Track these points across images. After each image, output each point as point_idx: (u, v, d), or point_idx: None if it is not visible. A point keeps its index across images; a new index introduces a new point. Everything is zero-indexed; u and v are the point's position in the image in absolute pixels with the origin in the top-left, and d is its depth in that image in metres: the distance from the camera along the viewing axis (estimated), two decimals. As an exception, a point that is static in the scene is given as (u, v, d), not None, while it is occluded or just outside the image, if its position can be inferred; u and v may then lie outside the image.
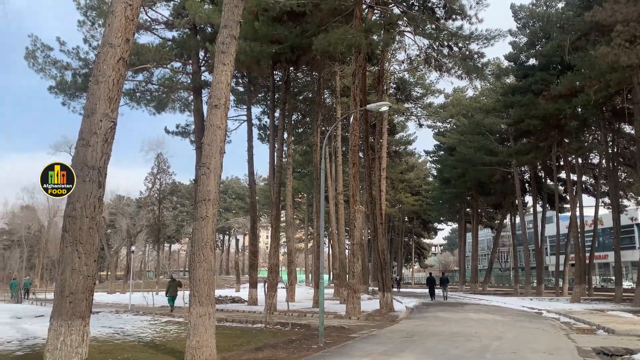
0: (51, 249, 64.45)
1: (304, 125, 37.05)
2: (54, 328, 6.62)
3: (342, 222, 29.27)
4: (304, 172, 46.51)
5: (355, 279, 18.78)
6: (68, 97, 26.23)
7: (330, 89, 32.47)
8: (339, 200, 29.60)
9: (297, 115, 34.87)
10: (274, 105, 26.00)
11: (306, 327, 15.41)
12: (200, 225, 10.31)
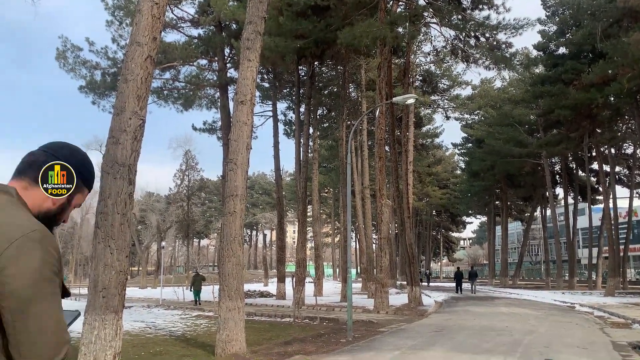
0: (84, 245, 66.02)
1: (329, 119, 37.00)
2: (88, 322, 6.77)
3: (369, 217, 29.19)
4: (330, 167, 46.47)
5: (383, 273, 18.72)
6: (98, 96, 26.77)
7: (355, 83, 32.32)
8: (366, 194, 29.50)
9: (322, 109, 34.85)
10: (299, 101, 26.04)
11: (334, 321, 15.44)
12: (228, 221, 10.41)
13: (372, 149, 34.08)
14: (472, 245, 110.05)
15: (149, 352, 10.03)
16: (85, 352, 6.64)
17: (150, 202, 61.51)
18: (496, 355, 9.15)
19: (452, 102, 40.46)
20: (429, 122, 47.97)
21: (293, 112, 34.26)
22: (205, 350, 10.11)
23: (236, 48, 23.64)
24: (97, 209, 7.26)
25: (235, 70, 28.16)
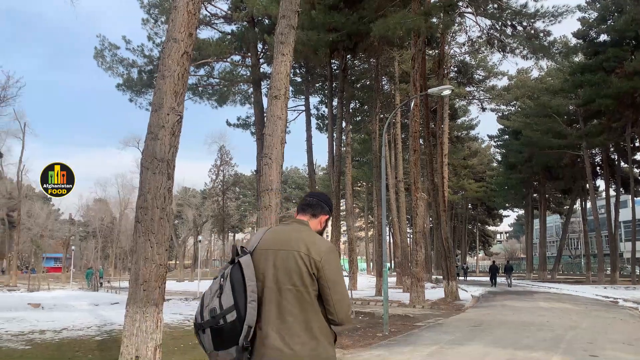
0: (123, 239, 67.80)
1: (361, 113, 36.82)
2: (130, 315, 6.90)
3: (403, 210, 28.95)
4: (363, 161, 46.29)
5: (418, 267, 18.55)
6: (135, 94, 27.31)
7: (388, 75, 32.03)
8: (400, 188, 29.26)
9: (354, 103, 34.71)
10: (332, 94, 25.97)
11: (370, 315, 15.39)
12: (263, 215, 10.46)
13: (405, 142, 33.76)
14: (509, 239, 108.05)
15: (188, 344, 10.20)
16: (127, 343, 6.78)
17: (186, 197, 62.61)
18: (538, 350, 8.94)
19: (487, 93, 39.65)
20: (464, 114, 47.16)
21: (325, 106, 34.25)
22: (243, 343, 10.21)
23: (269, 43, 23.72)
24: (137, 204, 7.40)
25: (268, 66, 28.31)
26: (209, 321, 2.26)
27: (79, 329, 12.99)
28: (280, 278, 2.33)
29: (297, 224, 2.52)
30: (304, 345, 2.25)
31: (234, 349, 2.23)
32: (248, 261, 2.34)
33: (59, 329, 12.85)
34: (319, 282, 2.31)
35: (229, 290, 2.27)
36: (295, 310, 2.29)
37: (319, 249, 2.34)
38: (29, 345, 10.29)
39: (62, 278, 54.92)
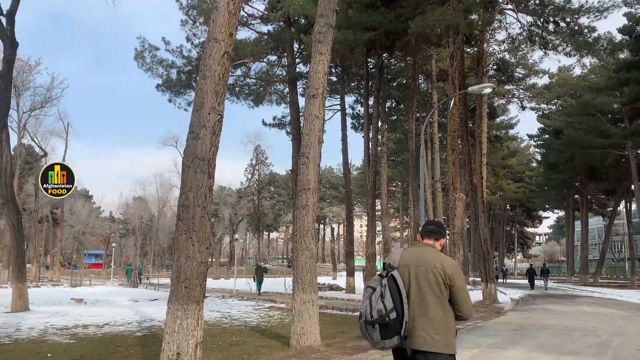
0: (161, 237, 69.21)
1: (397, 112, 36.52)
2: (171, 312, 7.00)
3: (440, 211, 28.58)
4: (398, 160, 45.92)
5: (456, 268, 18.23)
6: (174, 94, 27.77)
7: (425, 74, 31.67)
8: (437, 188, 28.90)
9: (390, 102, 34.45)
10: (368, 94, 25.80)
11: (407, 317, 15.20)
12: (301, 214, 10.47)
13: (442, 141, 33.31)
14: (549, 241, 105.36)
15: (226, 341, 10.29)
16: (168, 340, 6.87)
17: (222, 196, 63.39)
18: (584, 356, 8.64)
19: (527, 91, 38.73)
20: (503, 113, 46.25)
21: (361, 105, 34.09)
22: (280, 342, 10.24)
23: (305, 43, 23.76)
24: (179, 202, 7.49)
25: (304, 65, 28.41)
26: (377, 319, 3.19)
27: (120, 324, 13.29)
28: (422, 286, 3.29)
29: (426, 246, 3.49)
30: (440, 336, 3.22)
31: (396, 338, 3.17)
32: (398, 274, 3.31)
33: (101, 324, 13.17)
34: (451, 289, 3.29)
35: (389, 295, 3.21)
36: (435, 310, 3.25)
37: (450, 265, 3.33)
38: (73, 339, 10.58)
39: (102, 274, 56.51)
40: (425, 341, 3.21)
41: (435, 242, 3.54)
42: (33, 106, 38.52)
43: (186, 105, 27.90)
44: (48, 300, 21.04)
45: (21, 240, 18.00)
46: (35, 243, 51.59)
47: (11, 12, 16.48)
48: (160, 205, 67.72)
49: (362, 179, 50.29)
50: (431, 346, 3.20)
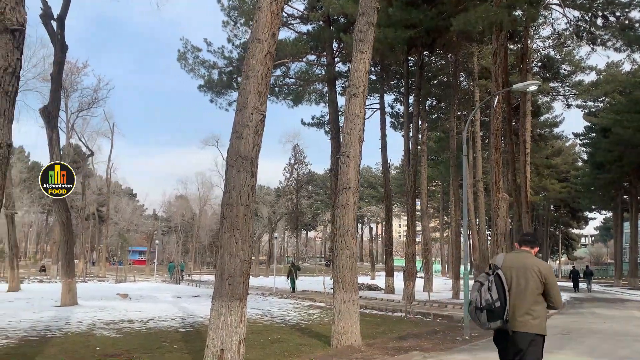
0: (202, 235, 70.41)
1: (438, 110, 36.00)
2: (216, 308, 7.10)
3: (482, 211, 27.99)
4: (439, 160, 45.27)
5: (499, 270, 17.83)
6: (215, 95, 28.19)
7: (467, 72, 31.11)
8: (479, 188, 28.33)
9: (431, 100, 33.99)
10: (408, 92, 25.53)
11: (448, 319, 15.00)
12: (341, 213, 10.45)
13: (485, 140, 32.66)
14: (595, 242, 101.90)
15: (268, 339, 10.38)
16: (213, 336, 6.97)
17: (261, 195, 64.00)
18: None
19: (573, 88, 37.49)
20: (547, 111, 44.91)
21: (400, 104, 33.80)
22: (321, 341, 10.26)
23: (345, 42, 23.70)
24: (222, 201, 7.59)
25: (343, 65, 28.36)
26: (485, 306, 4.35)
27: (164, 319, 13.59)
28: (522, 283, 4.39)
29: (525, 253, 4.60)
30: (536, 320, 4.33)
31: (499, 321, 4.32)
32: (502, 273, 4.44)
33: (146, 319, 13.50)
34: (545, 286, 4.39)
35: (495, 289, 4.37)
36: (531, 301, 4.35)
37: (545, 267, 4.46)
38: (119, 333, 10.88)
39: (146, 270, 57.95)
40: (524, 324, 4.31)
41: (531, 249, 4.62)
42: (80, 107, 39.91)
43: (227, 106, 28.30)
44: (95, 295, 21.73)
45: (70, 237, 18.65)
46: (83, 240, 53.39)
47: (61, 16, 17.08)
48: (201, 203, 68.89)
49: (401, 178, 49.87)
50: (529, 328, 4.30)
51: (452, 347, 9.89)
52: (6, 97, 4.94)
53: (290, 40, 26.91)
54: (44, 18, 16.64)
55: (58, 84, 18.06)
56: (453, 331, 12.12)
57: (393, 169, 63.02)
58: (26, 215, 64.63)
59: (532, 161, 35.16)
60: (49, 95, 17.97)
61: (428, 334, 11.57)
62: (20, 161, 64.37)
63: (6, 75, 4.91)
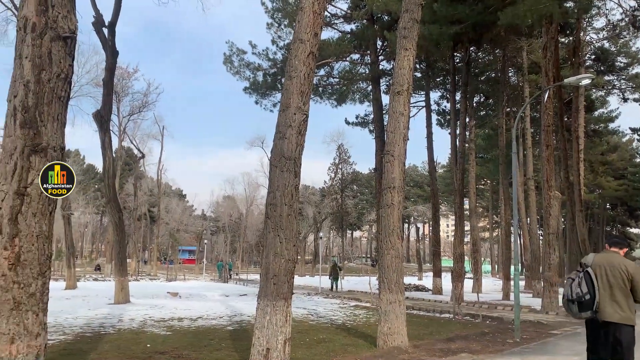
0: (249, 234, 71.48)
1: (486, 107, 35.13)
2: (261, 307, 7.16)
3: (533, 210, 27.11)
4: (487, 157, 44.19)
5: (551, 271, 17.25)
6: (260, 96, 28.54)
7: (516, 67, 30.21)
8: (529, 186, 27.44)
9: (478, 97, 33.20)
10: (455, 89, 25.04)
11: (498, 320, 14.60)
12: (386, 213, 10.34)
13: (535, 137, 31.67)
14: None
15: (313, 339, 10.39)
16: (258, 335, 7.04)
17: (306, 195, 64.33)
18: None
19: (630, 81, 35.73)
20: (602, 106, 43.05)
21: (447, 101, 33.17)
22: (367, 341, 10.18)
23: (389, 40, 23.50)
24: (266, 201, 7.65)
25: (387, 63, 28.12)
26: (575, 299, 5.18)
27: (212, 318, 13.84)
28: (610, 280, 5.11)
29: (613, 253, 5.28)
30: (624, 312, 5.03)
31: (589, 312, 5.12)
32: (591, 270, 5.19)
33: (195, 317, 13.79)
34: (632, 282, 5.05)
35: (584, 284, 5.16)
36: (619, 296, 5.05)
37: (631, 266, 5.05)
38: (169, 331, 11.15)
39: (195, 269, 59.29)
40: (612, 315, 5.05)
41: (620, 250, 5.31)
42: (132, 111, 41.14)
43: (272, 107, 28.59)
44: (146, 293, 22.39)
45: (122, 236, 19.28)
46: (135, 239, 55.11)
47: (112, 23, 17.68)
48: (248, 203, 69.95)
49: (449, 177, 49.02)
50: (617, 319, 5.04)
51: (502, 349, 9.61)
52: (59, 102, 5.13)
53: (334, 39, 26.92)
54: (96, 25, 17.26)
55: (110, 89, 18.70)
56: (503, 333, 11.78)
57: (440, 167, 61.98)
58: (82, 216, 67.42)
59: (586, 158, 33.84)
60: (102, 99, 18.63)
61: (477, 336, 11.29)
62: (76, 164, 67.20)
63: (59, 81, 5.09)
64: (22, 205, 4.77)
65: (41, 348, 4.82)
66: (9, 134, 4.87)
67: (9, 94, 4.98)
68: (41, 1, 4.99)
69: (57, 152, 5.07)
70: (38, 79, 4.93)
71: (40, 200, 4.88)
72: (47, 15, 5.00)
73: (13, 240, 4.70)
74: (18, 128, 4.84)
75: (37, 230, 4.83)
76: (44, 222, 4.93)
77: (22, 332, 4.65)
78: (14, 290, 4.64)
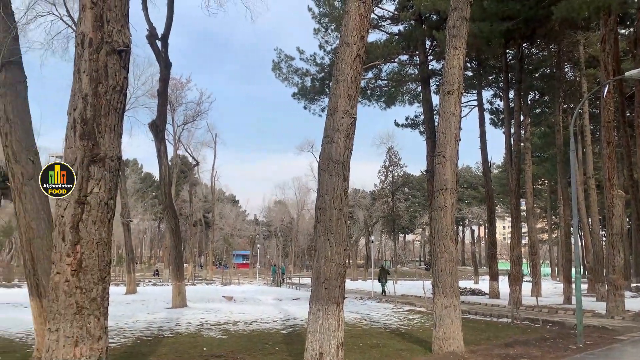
0: (300, 238, 72.03)
1: (541, 104, 33.95)
2: (313, 312, 7.17)
3: (595, 210, 25.92)
4: (544, 156, 42.71)
5: (616, 274, 16.42)
6: (308, 101, 28.72)
7: (572, 61, 29.06)
8: (590, 185, 26.31)
9: (533, 94, 32.13)
10: (508, 86, 24.35)
11: (559, 325, 14.04)
12: (439, 216, 10.15)
13: (595, 134, 30.38)
14: None
15: (367, 343, 10.31)
16: (311, 339, 7.05)
17: (357, 198, 64.15)
18: None
19: (699, 71, 33.69)
20: (667, 99, 40.77)
21: (500, 99, 32.26)
22: (422, 346, 10.01)
23: (438, 39, 23.13)
24: (316, 205, 7.66)
25: (437, 62, 27.67)
26: None
27: (266, 322, 13.99)
28: None
29: None
30: None
31: None
32: None
33: (249, 321, 13.98)
34: None
35: None
36: None
37: None
38: (225, 335, 11.35)
39: (249, 273, 60.25)
40: None
41: None
42: (185, 120, 42.29)
43: (320, 111, 28.69)
44: (202, 297, 22.91)
45: (179, 242, 19.84)
46: (191, 244, 56.61)
47: (165, 36, 18.28)
48: (298, 208, 70.49)
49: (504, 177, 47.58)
50: None
51: (564, 355, 9.23)
52: (115, 113, 5.33)
53: (381, 41, 26.75)
54: (149, 38, 17.90)
55: (164, 100, 19.33)
56: (565, 339, 11.31)
57: (494, 167, 60.45)
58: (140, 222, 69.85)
59: (651, 154, 32.04)
60: (157, 110, 19.27)
61: (536, 341, 10.88)
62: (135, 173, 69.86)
63: (115, 93, 5.29)
64: (82, 213, 4.98)
65: (103, 351, 5.01)
66: (70, 145, 5.10)
67: (69, 107, 5.21)
68: (97, 17, 5.20)
69: (114, 162, 5.27)
70: (95, 92, 5.14)
71: (99, 209, 5.08)
72: (103, 30, 5.21)
73: (75, 247, 4.91)
74: (78, 139, 5.06)
75: (97, 237, 5.03)
76: (104, 230, 5.12)
77: (85, 336, 4.84)
78: (77, 295, 4.85)
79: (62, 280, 4.86)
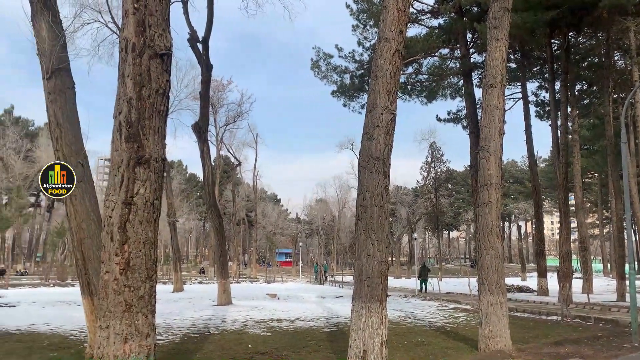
0: (342, 236, 72.03)
1: (589, 95, 32.72)
2: (356, 310, 7.15)
3: (649, 203, 24.83)
4: (593, 149, 41.20)
5: (674, 269, 15.68)
6: (347, 99, 28.63)
7: (622, 50, 27.85)
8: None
9: (580, 85, 31.02)
10: (554, 78, 23.59)
11: (613, 323, 13.52)
12: (483, 211, 9.95)
13: (647, 124, 29.03)
14: None
15: (411, 341, 10.21)
16: (355, 337, 7.03)
17: (399, 195, 63.62)
18: None
19: None
20: None
21: (546, 91, 31.30)
22: (467, 344, 9.84)
23: (479, 31, 22.63)
24: (356, 202, 7.63)
25: (479, 55, 27.05)
26: None
27: (310, 319, 14.06)
28: None
29: None
30: None
31: None
32: None
33: (293, 319, 14.08)
34: None
35: None
36: None
37: None
38: (269, 332, 11.47)
39: (292, 271, 60.70)
40: None
41: None
42: (227, 121, 43.00)
43: (359, 109, 28.56)
44: (247, 295, 23.23)
45: (223, 241, 20.18)
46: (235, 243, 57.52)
47: (205, 39, 18.60)
48: (340, 206, 70.47)
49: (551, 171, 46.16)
50: None
51: (618, 354, 8.87)
52: (159, 116, 5.46)
53: (421, 36, 26.37)
54: (191, 42, 18.26)
55: (206, 101, 19.67)
56: (619, 337, 10.88)
57: (541, 161, 58.80)
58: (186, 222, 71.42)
59: None
60: (199, 112, 19.64)
61: (588, 340, 10.51)
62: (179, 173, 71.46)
63: (157, 96, 5.42)
64: (129, 214, 5.13)
65: (151, 348, 5.15)
66: (116, 148, 5.26)
67: (114, 111, 5.38)
68: (139, 22, 5.34)
69: (159, 163, 5.40)
70: (139, 95, 5.28)
71: (145, 209, 5.21)
72: (145, 35, 5.34)
73: (123, 246, 5.07)
74: (123, 142, 5.21)
75: (143, 236, 5.17)
76: (150, 229, 5.26)
77: (133, 333, 4.99)
78: (125, 293, 5.00)
79: (111, 279, 5.03)
